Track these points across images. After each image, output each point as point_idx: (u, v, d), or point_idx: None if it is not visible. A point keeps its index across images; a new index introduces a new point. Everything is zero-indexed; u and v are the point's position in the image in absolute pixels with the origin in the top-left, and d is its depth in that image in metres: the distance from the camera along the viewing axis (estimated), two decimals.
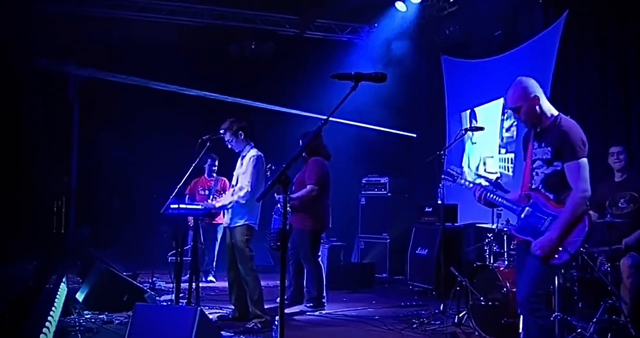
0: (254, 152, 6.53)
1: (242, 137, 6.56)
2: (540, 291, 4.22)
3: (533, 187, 4.32)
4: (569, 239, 4.08)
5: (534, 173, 4.35)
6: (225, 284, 6.97)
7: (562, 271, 5.51)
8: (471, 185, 4.66)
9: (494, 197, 4.47)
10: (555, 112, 4.35)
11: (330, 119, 3.42)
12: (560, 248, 4.06)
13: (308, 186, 7.46)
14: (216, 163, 9.70)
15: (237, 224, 6.42)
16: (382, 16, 11.70)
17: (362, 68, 3.54)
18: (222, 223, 9.38)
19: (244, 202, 6.33)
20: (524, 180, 4.43)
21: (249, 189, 6.31)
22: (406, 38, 11.71)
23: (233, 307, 6.79)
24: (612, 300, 5.39)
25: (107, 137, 11.22)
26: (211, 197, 9.03)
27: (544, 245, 4.12)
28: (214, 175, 9.78)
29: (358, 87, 3.43)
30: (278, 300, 7.36)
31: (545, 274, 4.26)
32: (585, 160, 4.14)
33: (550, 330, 4.32)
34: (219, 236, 9.73)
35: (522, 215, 4.30)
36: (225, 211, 6.59)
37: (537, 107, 4.28)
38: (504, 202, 4.45)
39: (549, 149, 4.24)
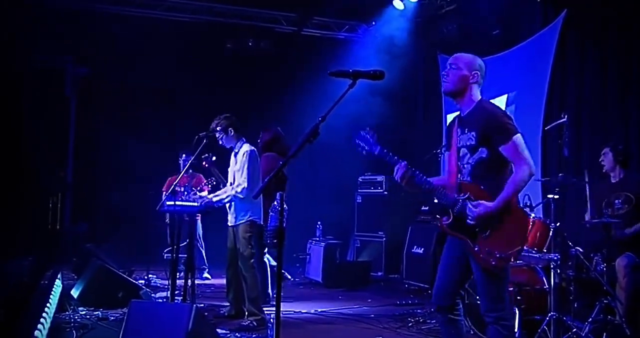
0: (246, 147, 6.52)
1: (233, 133, 6.55)
2: (497, 296, 3.87)
3: (462, 179, 3.98)
4: (502, 244, 3.77)
5: (459, 164, 4.02)
6: (222, 281, 6.96)
7: (558, 271, 5.53)
8: (395, 158, 4.18)
9: (423, 179, 3.98)
10: (480, 97, 4.03)
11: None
12: (497, 254, 3.75)
13: None
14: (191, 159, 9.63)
15: (241, 221, 6.42)
16: (380, 14, 11.69)
17: (360, 66, 3.53)
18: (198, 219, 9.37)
19: (241, 196, 6.32)
20: (450, 169, 4.08)
21: (246, 185, 6.31)
22: (404, 36, 11.70)
23: (229, 305, 6.78)
24: (608, 300, 5.41)
25: (104, 133, 11.19)
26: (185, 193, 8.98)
27: (480, 214, 3.78)
28: (190, 171, 9.75)
29: (356, 84, 3.43)
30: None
31: (494, 277, 3.84)
32: (519, 135, 3.79)
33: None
34: (200, 231, 9.75)
35: (455, 209, 3.92)
36: (228, 210, 6.57)
37: (468, 83, 3.97)
38: (434, 188, 3.97)
39: (472, 133, 3.91)
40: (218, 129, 6.52)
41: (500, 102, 9.90)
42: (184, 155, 9.56)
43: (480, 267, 3.85)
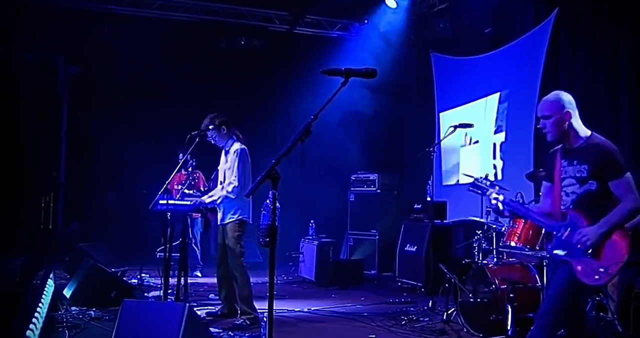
0: (237, 145, 6.50)
1: (225, 131, 6.54)
2: (560, 307, 4.11)
3: (564, 206, 4.23)
4: (608, 259, 3.98)
5: (562, 194, 4.25)
6: (214, 280, 6.95)
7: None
8: (499, 199, 4.53)
9: (519, 210, 4.43)
10: (589, 132, 4.31)
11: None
12: (602, 269, 3.95)
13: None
14: (188, 157, 9.60)
15: (231, 220, 6.41)
16: (373, 13, 11.70)
17: (352, 64, 3.52)
18: (198, 219, 9.36)
19: (233, 197, 6.31)
20: (554, 199, 4.32)
21: (237, 184, 6.30)
22: (396, 35, 11.71)
23: (222, 304, 6.77)
24: (600, 298, 5.42)
25: (96, 132, 11.16)
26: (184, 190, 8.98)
27: (588, 235, 4.01)
28: (189, 169, 9.74)
29: (348, 83, 3.42)
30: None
31: (572, 292, 4.10)
32: (629, 174, 4.07)
33: None
34: (197, 232, 9.76)
35: (559, 235, 4.17)
36: (217, 208, 6.56)
37: (566, 123, 4.24)
38: (534, 217, 4.40)
39: (584, 166, 4.14)
40: (210, 126, 6.50)
41: (493, 99, 9.92)
42: (181, 154, 9.55)
43: (571, 280, 4.06)
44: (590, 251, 4.02)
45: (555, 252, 4.20)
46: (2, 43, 9.26)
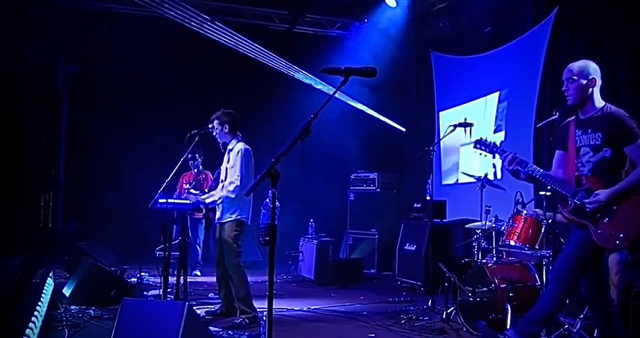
0: (241, 145, 6.49)
1: (227, 129, 6.53)
2: (573, 264, 4.36)
3: (582, 174, 4.43)
4: (626, 225, 4.19)
5: (578, 162, 4.46)
6: (213, 279, 6.95)
7: (551, 268, 5.53)
8: (506, 152, 4.71)
9: (538, 171, 4.54)
10: (603, 103, 4.47)
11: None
12: (622, 235, 4.17)
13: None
14: (197, 156, 9.62)
15: (229, 219, 6.40)
16: (372, 12, 11.71)
17: (352, 64, 3.53)
18: (203, 219, 9.37)
19: (233, 196, 6.30)
20: (568, 166, 4.52)
21: (238, 183, 6.29)
22: (396, 34, 11.71)
23: (221, 302, 6.77)
24: None
25: (96, 131, 11.17)
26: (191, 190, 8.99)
27: (600, 196, 4.26)
28: (198, 168, 9.77)
29: (348, 82, 3.42)
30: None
31: (585, 254, 4.36)
32: None
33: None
34: (201, 231, 9.76)
35: (577, 198, 4.38)
36: (216, 207, 6.55)
37: (590, 90, 4.44)
38: (550, 181, 4.52)
39: (598, 134, 4.34)
40: (217, 120, 6.50)
41: (493, 99, 9.93)
42: (190, 155, 9.57)
43: (595, 246, 4.29)
44: (605, 218, 4.24)
45: (573, 215, 4.42)
46: (2, 42, 9.26)
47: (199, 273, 9.82)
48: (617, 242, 4.20)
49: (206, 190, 9.25)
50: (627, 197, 4.24)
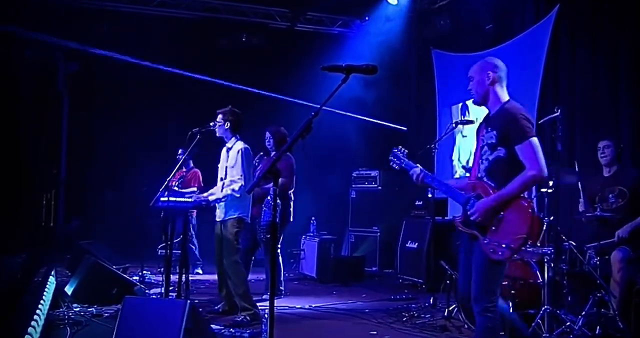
0: (240, 144, 6.50)
1: (228, 127, 6.55)
2: (489, 288, 3.99)
3: (479, 175, 4.17)
4: (510, 234, 3.88)
5: (480, 161, 4.19)
6: (215, 277, 6.95)
7: (552, 265, 5.54)
8: (411, 168, 4.48)
9: (431, 181, 4.32)
10: (507, 99, 4.22)
11: (323, 108, 3.39)
12: (504, 245, 3.87)
13: (282, 179, 7.41)
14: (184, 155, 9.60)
15: (231, 217, 6.41)
16: (373, 9, 11.69)
17: (353, 61, 3.52)
18: (194, 214, 9.34)
19: (238, 195, 6.31)
20: (473, 167, 4.28)
21: (242, 183, 6.29)
22: (397, 32, 11.70)
23: (223, 301, 6.77)
24: (601, 294, 5.42)
25: (97, 130, 11.17)
26: (174, 187, 8.99)
27: (478, 209, 3.99)
28: (191, 165, 9.74)
29: (349, 79, 3.42)
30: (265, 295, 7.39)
31: (492, 270, 3.99)
32: (536, 139, 3.96)
33: (497, 332, 4.06)
34: (193, 227, 9.75)
35: (467, 207, 4.10)
36: (217, 205, 6.55)
37: (487, 84, 4.22)
38: (444, 189, 4.31)
39: (494, 133, 4.09)
40: (220, 116, 6.53)
41: None
42: (180, 150, 9.55)
43: (485, 259, 3.97)
44: (492, 226, 3.95)
45: (460, 227, 4.18)
46: (2, 40, 9.26)
47: (200, 271, 9.82)
48: (500, 253, 3.89)
49: (196, 188, 9.30)
50: (513, 202, 3.93)
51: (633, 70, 7.43)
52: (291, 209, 7.87)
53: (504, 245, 3.88)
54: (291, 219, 7.91)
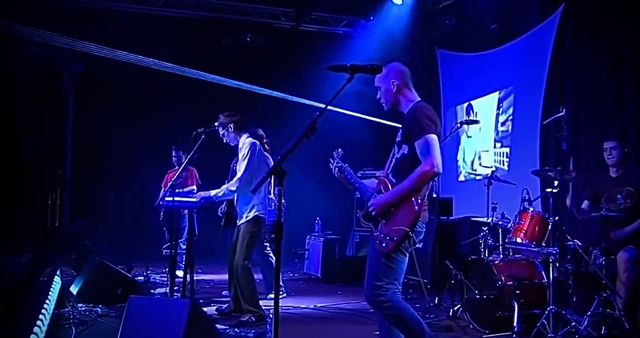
0: (247, 140, 6.49)
1: (233, 129, 6.53)
2: (380, 282, 4.04)
3: (387, 172, 4.27)
4: (392, 226, 3.98)
5: (390, 160, 4.33)
6: (220, 277, 6.95)
7: (557, 265, 5.53)
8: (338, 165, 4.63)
9: (348, 175, 4.49)
10: (417, 100, 4.29)
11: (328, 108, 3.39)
12: (388, 237, 3.96)
13: None
14: (181, 153, 9.57)
15: (246, 219, 6.40)
16: (378, 9, 11.70)
17: (358, 61, 3.52)
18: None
19: (234, 189, 6.30)
20: (386, 165, 4.38)
21: (239, 176, 6.29)
22: (402, 31, 11.69)
23: (230, 300, 6.75)
24: (607, 294, 5.40)
25: (102, 130, 11.18)
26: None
27: (374, 203, 4.08)
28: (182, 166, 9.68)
29: (353, 79, 3.42)
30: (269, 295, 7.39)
31: (379, 264, 4.05)
32: (433, 136, 3.98)
33: (404, 316, 4.06)
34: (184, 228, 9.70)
35: (370, 202, 4.18)
36: (237, 208, 6.54)
37: (394, 91, 4.23)
38: (357, 184, 4.45)
39: (400, 131, 4.21)
40: (221, 126, 6.51)
41: (499, 96, 9.91)
42: (174, 151, 9.54)
43: (376, 251, 4.07)
44: (383, 219, 4.05)
45: (361, 220, 4.28)
46: (5, 40, 9.29)
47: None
48: (384, 244, 3.99)
49: (195, 187, 9.27)
50: (408, 198, 3.99)
51: (637, 69, 7.41)
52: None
53: (388, 237, 3.98)
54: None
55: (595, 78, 8.03)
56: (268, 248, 7.72)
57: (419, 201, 3.98)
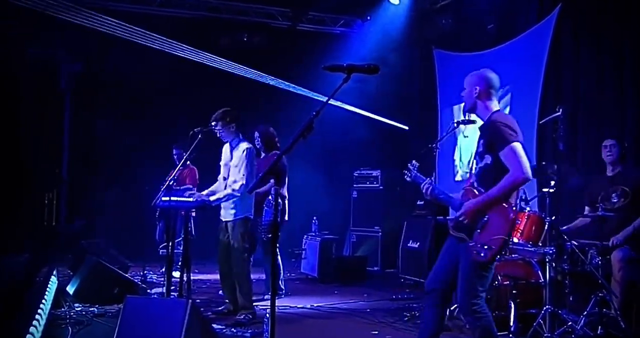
0: (245, 144, 6.50)
1: (234, 129, 6.53)
2: (472, 292, 4.10)
3: (472, 182, 4.34)
4: (489, 235, 4.02)
5: (474, 169, 4.39)
6: (217, 277, 6.95)
7: (554, 264, 5.54)
8: (421, 182, 4.59)
9: (437, 193, 4.46)
10: (496, 109, 4.36)
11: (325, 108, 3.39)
12: (486, 246, 3.99)
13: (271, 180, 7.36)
14: (183, 152, 9.53)
15: (239, 218, 6.41)
16: (375, 9, 11.70)
17: (355, 61, 3.52)
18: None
19: (239, 194, 6.32)
20: (470, 175, 4.48)
21: (244, 182, 6.29)
22: (399, 31, 11.70)
23: (227, 301, 6.75)
24: (603, 294, 5.41)
25: (99, 129, 11.17)
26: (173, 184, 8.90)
27: (464, 210, 4.16)
28: (187, 163, 9.64)
29: (350, 79, 3.42)
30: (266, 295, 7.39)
31: (476, 273, 4.10)
32: (518, 144, 4.05)
33: (492, 326, 4.16)
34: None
35: (459, 212, 4.25)
36: (221, 205, 6.54)
37: (475, 96, 4.34)
38: (445, 199, 4.47)
39: (482, 141, 4.27)
40: (221, 121, 6.49)
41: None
42: (174, 150, 9.52)
43: (470, 262, 4.10)
44: (478, 229, 4.09)
45: (452, 231, 4.36)
46: (4, 40, 9.27)
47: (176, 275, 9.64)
48: (483, 254, 4.02)
49: (191, 186, 9.24)
50: (498, 206, 4.06)
51: (638, 69, 7.40)
52: (286, 208, 7.86)
53: (485, 247, 4.01)
54: (286, 218, 7.90)
55: (596, 78, 8.01)
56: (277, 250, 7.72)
57: (513, 208, 4.08)
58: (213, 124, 6.49)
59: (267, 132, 7.82)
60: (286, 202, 7.85)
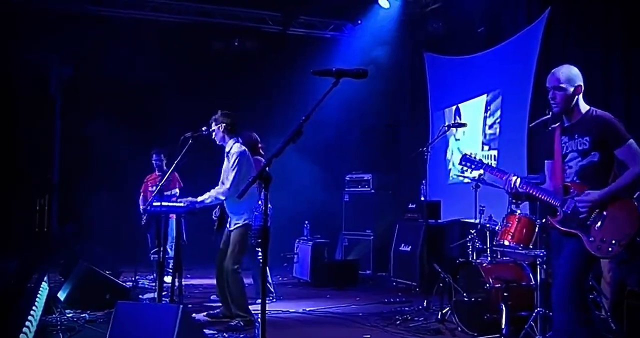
0: (237, 147, 6.47)
1: (227, 131, 6.51)
2: (582, 286, 4.16)
3: (568, 180, 4.29)
4: (619, 231, 4.01)
5: (566, 167, 4.32)
6: (209, 281, 6.93)
7: (545, 267, 5.55)
8: (501, 170, 4.58)
9: (529, 188, 4.39)
10: (587, 107, 4.40)
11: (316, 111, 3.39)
12: (613, 241, 3.99)
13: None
14: (162, 157, 9.53)
15: (237, 225, 6.39)
16: (366, 13, 11.72)
17: (346, 65, 3.53)
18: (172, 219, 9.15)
19: (223, 198, 6.29)
20: (555, 175, 4.38)
21: (228, 186, 6.26)
22: (389, 35, 11.73)
23: (222, 306, 6.72)
24: (593, 295, 5.43)
25: (90, 134, 11.13)
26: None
27: (586, 200, 4.12)
28: (165, 169, 9.60)
29: (339, 83, 3.42)
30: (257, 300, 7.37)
31: (586, 269, 4.18)
32: (633, 141, 4.13)
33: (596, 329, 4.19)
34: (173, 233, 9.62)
35: (565, 207, 4.21)
36: (225, 214, 6.52)
37: (576, 98, 4.39)
38: (541, 193, 4.37)
39: (586, 139, 4.22)
40: (215, 122, 6.47)
41: (486, 99, 9.95)
42: (154, 155, 9.50)
43: (585, 255, 4.09)
44: (597, 223, 4.07)
45: (559, 226, 4.26)
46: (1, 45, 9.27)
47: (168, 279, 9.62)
48: (610, 249, 3.99)
49: (177, 192, 9.21)
50: (615, 200, 4.07)
51: (625, 72, 7.44)
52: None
53: (613, 241, 3.99)
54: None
55: (585, 80, 8.03)
56: (260, 254, 7.71)
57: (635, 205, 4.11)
58: (204, 130, 6.47)
59: (251, 138, 7.79)
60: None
